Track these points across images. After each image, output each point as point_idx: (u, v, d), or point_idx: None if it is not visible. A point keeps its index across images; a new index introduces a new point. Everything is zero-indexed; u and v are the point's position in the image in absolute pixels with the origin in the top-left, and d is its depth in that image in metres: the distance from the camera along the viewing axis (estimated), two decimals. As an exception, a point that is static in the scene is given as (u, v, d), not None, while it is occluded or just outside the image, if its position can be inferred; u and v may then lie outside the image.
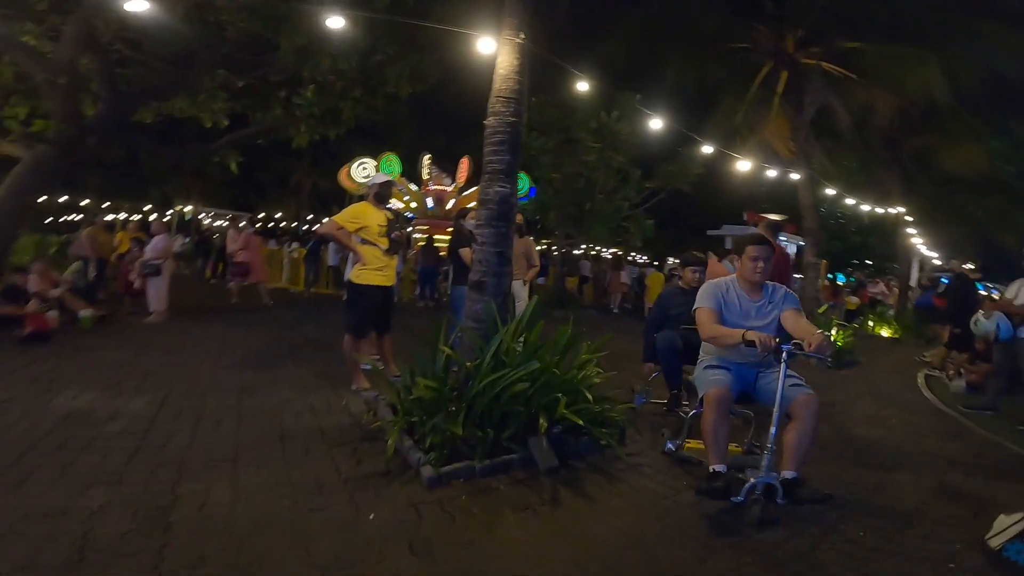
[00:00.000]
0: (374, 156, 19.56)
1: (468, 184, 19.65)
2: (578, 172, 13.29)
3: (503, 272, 4.23)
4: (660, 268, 19.99)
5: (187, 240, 17.05)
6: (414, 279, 14.02)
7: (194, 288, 13.58)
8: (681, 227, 28.46)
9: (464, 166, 19.41)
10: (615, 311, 15.09)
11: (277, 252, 14.76)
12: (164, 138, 16.50)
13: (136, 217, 23.43)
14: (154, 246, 7.91)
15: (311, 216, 28.40)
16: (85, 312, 6.97)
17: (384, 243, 4.93)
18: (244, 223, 16.54)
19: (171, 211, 27.17)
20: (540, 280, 15.04)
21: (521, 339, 3.84)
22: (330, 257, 12.89)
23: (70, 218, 27.48)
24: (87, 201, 27.36)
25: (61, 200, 26.73)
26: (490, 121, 4.32)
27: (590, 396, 3.76)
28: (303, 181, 29.98)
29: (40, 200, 11.12)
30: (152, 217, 22.91)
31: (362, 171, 19.68)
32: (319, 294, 13.17)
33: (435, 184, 21.67)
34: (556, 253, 17.00)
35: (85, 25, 8.24)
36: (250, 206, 29.78)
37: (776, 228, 5.85)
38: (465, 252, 5.60)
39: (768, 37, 11.63)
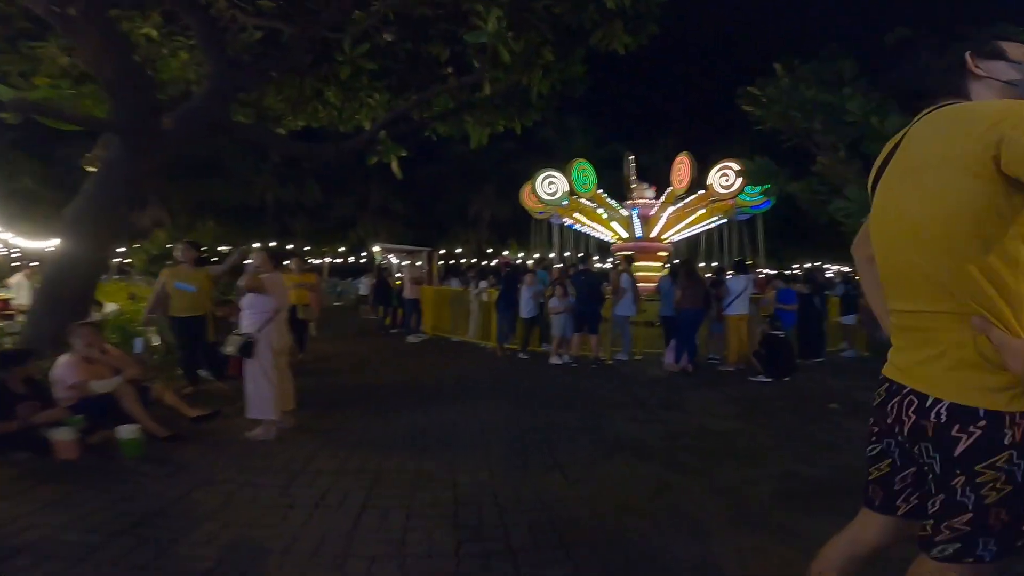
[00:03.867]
0: (559, 167, 16.08)
1: (690, 190, 15.03)
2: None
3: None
4: None
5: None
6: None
7: (371, 342, 10.96)
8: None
9: (685, 167, 14.84)
10: None
11: (461, 294, 11.59)
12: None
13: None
14: (252, 304, 4.65)
15: (490, 250, 26.24)
16: (127, 431, 3.93)
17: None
18: (420, 262, 14.00)
19: (365, 253, 27.06)
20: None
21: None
22: (524, 305, 9.21)
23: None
24: (291, 246, 28.51)
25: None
26: None
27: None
28: (482, 211, 28.13)
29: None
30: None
31: (549, 186, 16.35)
32: (513, 352, 9.49)
33: (636, 196, 17.46)
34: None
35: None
36: (431, 243, 28.65)
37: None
38: None
39: None
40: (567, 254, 23.80)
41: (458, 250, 28.90)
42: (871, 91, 8.52)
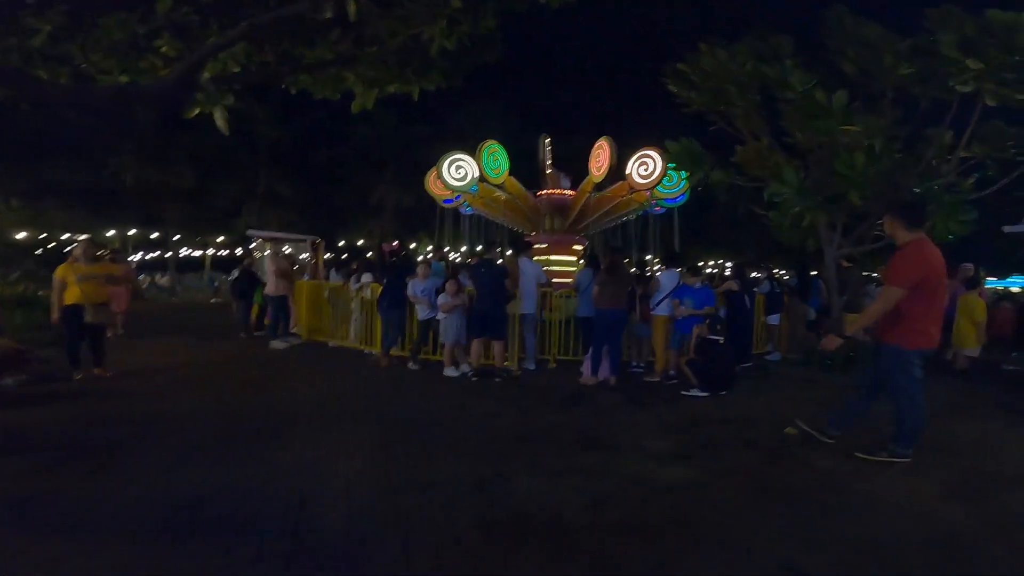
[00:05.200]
0: (470, 151, 14.39)
1: (611, 178, 13.83)
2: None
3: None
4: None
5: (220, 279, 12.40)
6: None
7: (222, 348, 8.65)
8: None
9: (604, 153, 13.62)
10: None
11: (340, 290, 9.52)
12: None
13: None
14: None
15: (396, 242, 23.94)
16: None
17: None
18: (287, 250, 11.70)
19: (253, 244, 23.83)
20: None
21: None
22: (421, 308, 7.43)
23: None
24: (156, 235, 24.63)
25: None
26: None
27: None
28: (385, 199, 25.62)
29: None
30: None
31: (457, 171, 14.59)
32: (402, 361, 7.66)
33: (553, 186, 16.12)
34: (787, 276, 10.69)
35: None
36: (330, 233, 25.83)
37: None
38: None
39: None
40: (479, 247, 22.18)
41: (360, 241, 26.37)
42: (813, 67, 7.62)
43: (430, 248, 22.31)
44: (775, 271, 14.60)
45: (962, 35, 6.53)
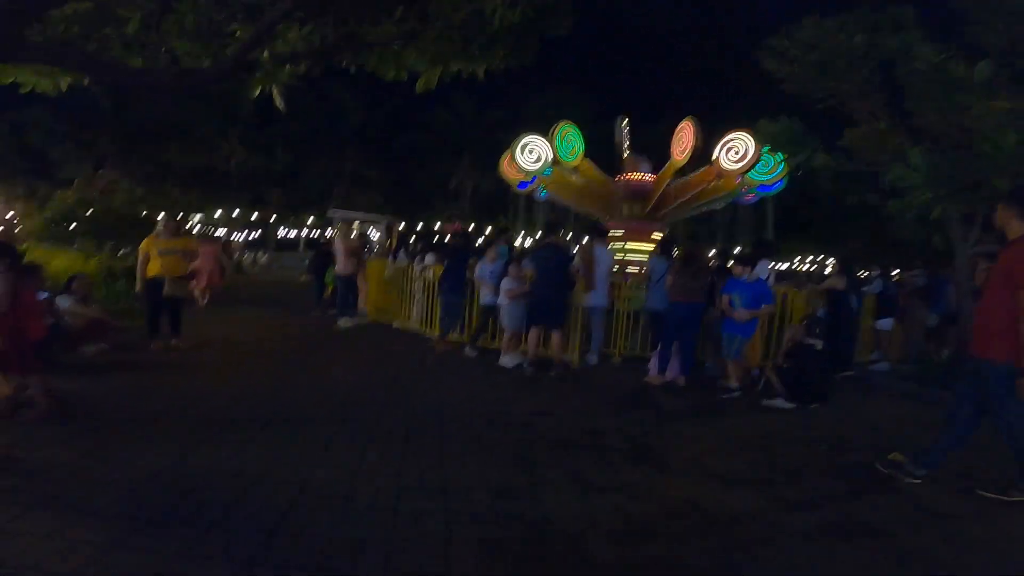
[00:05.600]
0: (545, 133, 13.84)
1: (696, 163, 12.80)
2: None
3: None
4: None
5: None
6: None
7: (292, 325, 8.89)
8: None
9: (687, 134, 12.60)
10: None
11: (404, 271, 9.45)
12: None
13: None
14: None
15: (472, 225, 23.98)
16: None
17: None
18: (355, 227, 11.81)
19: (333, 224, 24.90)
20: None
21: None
22: (484, 292, 7.15)
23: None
24: (256, 215, 26.36)
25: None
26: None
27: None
28: (463, 183, 25.69)
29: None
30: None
31: (530, 154, 14.14)
32: (459, 347, 7.41)
33: (632, 170, 15.22)
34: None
35: None
36: (412, 215, 26.38)
37: None
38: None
39: None
40: (539, 232, 21.63)
41: (438, 224, 26.73)
42: (944, 40, 6.36)
43: (488, 230, 21.87)
44: (890, 269, 12.84)
45: None
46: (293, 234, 30.77)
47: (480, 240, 20.07)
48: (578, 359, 6.95)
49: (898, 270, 16.12)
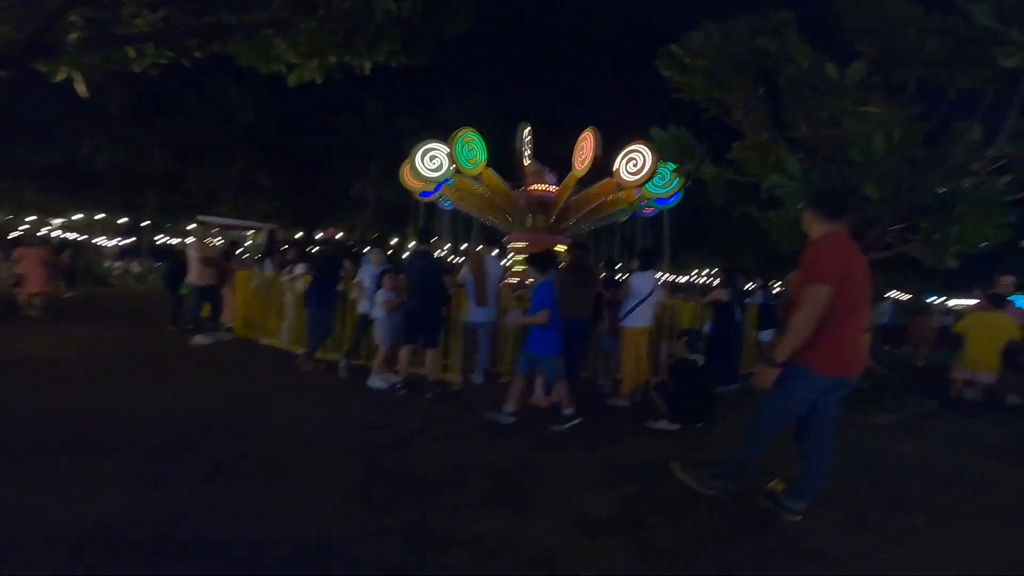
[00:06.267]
0: (448, 141, 13.28)
1: (594, 173, 12.70)
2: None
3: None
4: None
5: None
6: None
7: (139, 340, 7.50)
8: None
9: (588, 144, 12.49)
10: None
11: (271, 281, 8.35)
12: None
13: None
14: None
15: (376, 235, 22.76)
16: None
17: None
18: (208, 239, 10.55)
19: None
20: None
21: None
22: (363, 302, 6.33)
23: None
24: (124, 220, 23.60)
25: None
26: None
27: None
28: (367, 191, 24.39)
29: None
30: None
31: (431, 161, 13.54)
32: (329, 365, 6.52)
33: (535, 181, 14.98)
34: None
35: None
36: (313, 225, 24.73)
37: None
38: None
39: None
40: (465, 245, 21.04)
41: (339, 235, 25.21)
42: (823, 49, 6.49)
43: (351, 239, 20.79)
44: (773, 282, 13.41)
45: (998, 2, 5.42)
46: (176, 242, 27.89)
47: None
48: (460, 378, 6.31)
49: (781, 282, 17.04)
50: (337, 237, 15.59)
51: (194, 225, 25.47)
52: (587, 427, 4.81)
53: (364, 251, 7.42)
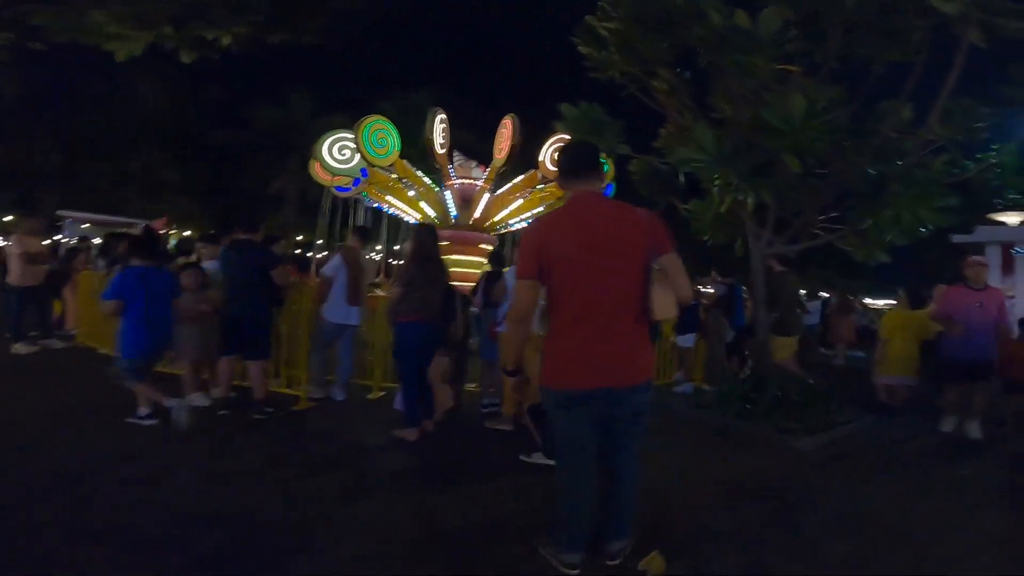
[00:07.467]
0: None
1: (512, 164, 11.70)
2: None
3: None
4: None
5: None
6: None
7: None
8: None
9: (507, 132, 11.49)
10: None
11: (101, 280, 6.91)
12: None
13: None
14: None
15: (300, 236, 21.14)
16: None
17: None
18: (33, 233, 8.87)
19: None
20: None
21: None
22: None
23: None
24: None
25: None
26: None
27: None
28: (285, 189, 22.52)
29: None
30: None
31: (340, 152, 12.33)
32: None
33: (460, 175, 13.86)
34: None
35: None
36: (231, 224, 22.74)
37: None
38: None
39: None
40: (398, 245, 19.75)
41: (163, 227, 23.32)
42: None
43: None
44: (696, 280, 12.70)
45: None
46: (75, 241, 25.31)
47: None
48: (304, 393, 5.05)
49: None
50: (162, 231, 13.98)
51: (11, 217, 22.72)
52: (453, 461, 3.69)
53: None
